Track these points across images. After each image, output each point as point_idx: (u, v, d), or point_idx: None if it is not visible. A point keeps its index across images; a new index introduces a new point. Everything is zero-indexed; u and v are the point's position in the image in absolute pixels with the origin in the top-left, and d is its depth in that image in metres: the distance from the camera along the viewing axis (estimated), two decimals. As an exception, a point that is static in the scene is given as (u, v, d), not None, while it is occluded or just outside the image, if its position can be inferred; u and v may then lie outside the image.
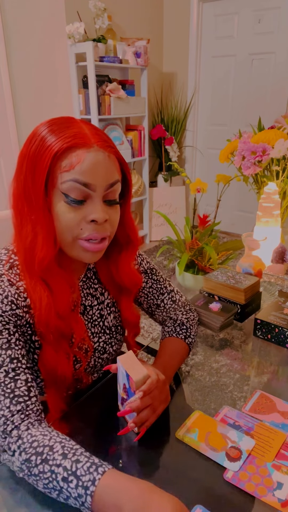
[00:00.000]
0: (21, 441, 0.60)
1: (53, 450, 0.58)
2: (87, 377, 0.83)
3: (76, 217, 0.66)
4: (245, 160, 1.83)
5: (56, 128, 0.65)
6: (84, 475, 0.54)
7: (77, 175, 0.63)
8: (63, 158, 0.63)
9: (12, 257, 0.71)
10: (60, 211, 0.65)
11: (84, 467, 0.54)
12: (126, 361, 0.69)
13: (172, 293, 0.97)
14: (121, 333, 0.89)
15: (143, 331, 2.30)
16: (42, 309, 0.67)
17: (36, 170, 0.64)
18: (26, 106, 2.70)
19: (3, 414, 0.62)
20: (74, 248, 0.69)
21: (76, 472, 0.54)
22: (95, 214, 0.66)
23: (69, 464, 0.55)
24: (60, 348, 0.72)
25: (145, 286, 0.94)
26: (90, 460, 0.56)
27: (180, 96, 3.82)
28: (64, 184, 0.64)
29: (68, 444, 0.59)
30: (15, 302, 0.67)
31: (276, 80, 3.28)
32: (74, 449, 0.58)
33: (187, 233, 2.43)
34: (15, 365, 0.65)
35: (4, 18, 2.43)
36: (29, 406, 0.64)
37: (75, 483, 0.53)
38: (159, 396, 0.71)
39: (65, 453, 0.57)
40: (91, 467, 0.54)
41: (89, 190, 0.65)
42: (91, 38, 2.72)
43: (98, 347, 0.83)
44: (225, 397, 0.81)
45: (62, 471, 0.55)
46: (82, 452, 0.58)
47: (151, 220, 3.78)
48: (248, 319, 1.11)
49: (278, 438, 0.70)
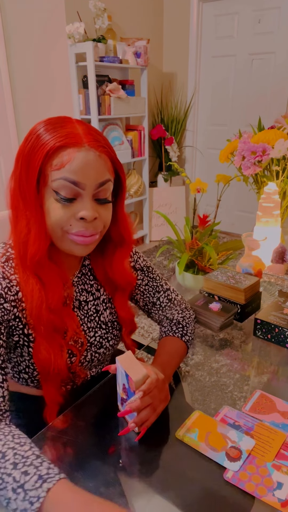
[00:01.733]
0: None
1: (5, 458, 0.56)
2: (84, 371, 0.83)
3: (65, 214, 0.68)
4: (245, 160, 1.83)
5: (51, 127, 0.66)
6: (30, 490, 0.52)
7: (67, 173, 0.65)
8: (55, 157, 0.65)
9: (9, 251, 0.73)
10: (51, 207, 0.67)
11: (32, 480, 0.53)
12: (125, 361, 0.69)
13: (168, 292, 0.97)
14: (118, 328, 0.89)
15: (143, 331, 2.30)
16: (33, 302, 0.69)
17: (29, 168, 0.66)
18: (26, 106, 2.70)
19: None
20: (64, 241, 0.71)
21: (24, 485, 0.53)
22: (84, 212, 0.68)
23: (18, 475, 0.54)
24: (53, 341, 0.73)
25: (141, 284, 0.94)
26: (38, 472, 0.54)
27: (180, 96, 3.82)
28: (55, 182, 0.66)
29: (20, 451, 0.57)
30: (3, 296, 0.69)
31: (276, 80, 3.28)
32: (25, 457, 0.56)
33: (187, 233, 2.43)
34: None
35: (4, 18, 2.43)
36: None
37: (22, 496, 0.52)
38: (159, 395, 0.71)
39: (15, 462, 0.56)
40: (37, 481, 0.53)
41: (78, 188, 0.67)
42: (91, 38, 2.72)
43: (94, 341, 0.84)
44: (225, 397, 0.81)
45: (12, 481, 0.54)
46: (33, 460, 0.56)
47: (151, 220, 3.78)
48: (248, 319, 1.11)
49: (278, 438, 0.70)
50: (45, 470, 0.54)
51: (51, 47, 2.74)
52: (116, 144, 3.12)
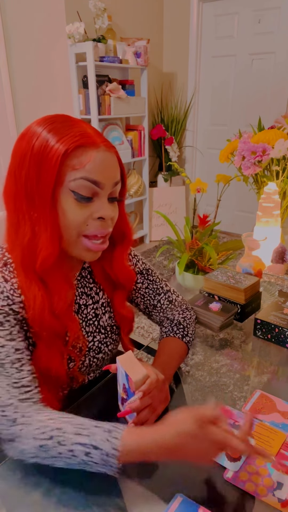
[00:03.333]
0: (31, 427, 0.61)
1: (64, 430, 0.60)
2: (82, 376, 0.83)
3: (83, 214, 0.67)
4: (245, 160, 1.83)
5: (60, 127, 0.65)
6: (103, 443, 0.57)
7: (87, 173, 0.65)
8: (72, 157, 0.64)
9: (5, 255, 0.71)
10: (68, 208, 0.66)
11: (100, 437, 0.58)
12: (125, 361, 0.69)
13: (168, 293, 0.97)
14: (117, 333, 0.88)
15: (143, 331, 2.31)
16: (36, 308, 0.68)
17: (42, 169, 0.64)
18: (26, 106, 2.70)
19: (11, 402, 0.63)
20: (77, 246, 0.70)
21: (94, 444, 0.57)
22: (103, 211, 0.68)
23: (85, 439, 0.58)
24: (54, 347, 0.73)
25: (141, 287, 0.94)
26: (101, 428, 0.59)
27: (180, 96, 3.82)
28: (74, 182, 0.65)
29: (75, 421, 0.61)
30: (10, 298, 0.67)
31: (276, 80, 3.28)
32: (83, 423, 0.60)
33: (187, 233, 2.43)
34: (19, 356, 0.66)
35: (4, 18, 2.43)
36: (35, 395, 0.66)
37: (97, 454, 0.57)
38: (159, 396, 0.71)
39: (76, 430, 0.59)
40: (105, 434, 0.58)
41: (97, 188, 0.67)
42: (91, 38, 2.72)
43: (93, 346, 0.83)
44: (225, 397, 0.81)
45: (81, 446, 0.58)
46: (91, 423, 0.60)
47: (151, 220, 3.78)
48: (248, 319, 1.11)
49: (278, 438, 0.70)
50: (107, 425, 0.59)
51: (51, 47, 2.74)
52: (116, 144, 3.12)
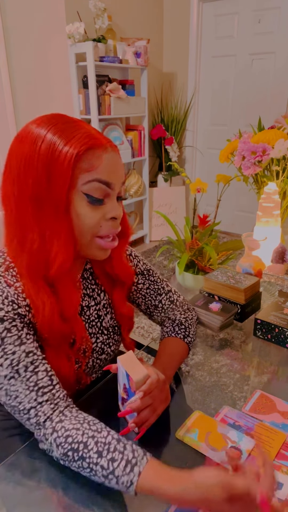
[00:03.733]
0: (56, 435, 0.62)
1: (88, 448, 0.59)
2: (86, 377, 0.83)
3: (96, 216, 0.67)
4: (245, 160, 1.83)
5: (64, 128, 0.64)
6: (122, 475, 0.56)
7: (99, 175, 0.65)
8: (83, 160, 0.63)
9: (7, 259, 0.70)
10: (82, 211, 0.66)
11: (121, 466, 0.57)
12: (126, 361, 0.69)
13: (169, 293, 0.97)
14: (119, 333, 0.88)
15: (143, 331, 2.31)
16: (45, 315, 0.67)
17: (53, 173, 0.62)
18: (26, 106, 2.70)
19: (32, 406, 0.64)
20: (91, 247, 0.70)
21: (114, 472, 0.57)
22: (115, 212, 0.69)
23: (106, 463, 0.58)
24: (61, 351, 0.72)
25: (142, 288, 0.93)
26: (124, 456, 0.58)
27: (180, 96, 3.82)
28: (86, 185, 0.65)
29: (100, 438, 0.60)
30: (15, 302, 0.66)
31: (276, 80, 3.28)
32: (107, 443, 0.60)
33: (187, 233, 2.43)
34: (31, 358, 0.65)
35: (4, 18, 2.43)
36: (55, 395, 0.65)
37: (115, 481, 0.57)
38: (159, 396, 0.71)
39: (99, 450, 0.59)
40: (126, 466, 0.57)
41: (109, 189, 0.67)
42: (91, 38, 2.72)
43: (96, 347, 0.83)
44: (225, 397, 0.81)
45: (101, 469, 0.58)
46: (116, 446, 0.59)
47: (151, 220, 3.78)
48: (248, 319, 1.11)
49: (278, 438, 0.70)
50: (131, 454, 0.58)
51: (51, 47, 2.74)
52: (116, 144, 3.11)
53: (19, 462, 0.67)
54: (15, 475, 0.65)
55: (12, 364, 0.63)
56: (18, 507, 0.60)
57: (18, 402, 0.64)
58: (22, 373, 0.64)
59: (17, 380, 0.64)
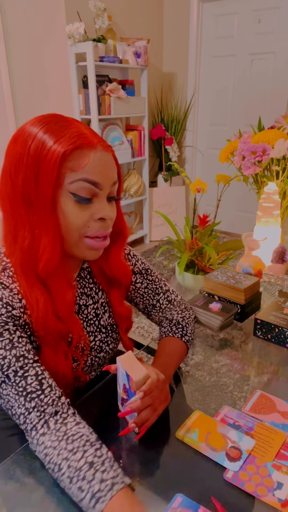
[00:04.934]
0: (39, 448, 0.62)
1: (61, 471, 0.59)
2: (84, 375, 0.83)
3: (84, 216, 0.67)
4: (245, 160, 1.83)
5: (56, 127, 0.64)
6: (87, 508, 0.55)
7: (86, 174, 0.64)
8: (70, 159, 0.64)
9: (4, 260, 0.70)
10: (68, 211, 0.66)
11: (86, 499, 0.55)
12: (125, 361, 0.69)
13: (167, 293, 0.97)
14: (117, 331, 0.89)
15: (143, 331, 2.31)
16: (39, 312, 0.67)
17: (40, 172, 0.63)
18: (26, 106, 2.70)
19: (21, 412, 0.64)
20: (79, 247, 0.70)
21: (81, 502, 0.56)
22: (103, 212, 0.68)
23: (75, 491, 0.57)
24: (58, 349, 0.72)
25: (141, 287, 0.93)
26: (90, 488, 0.55)
27: (180, 96, 3.82)
28: (73, 184, 0.64)
29: (73, 462, 0.58)
30: (10, 304, 0.66)
31: (276, 80, 3.28)
32: (78, 469, 0.57)
33: (187, 233, 2.43)
34: (21, 363, 0.65)
35: (4, 18, 2.43)
36: (43, 400, 0.65)
37: (84, 509, 0.56)
38: (159, 396, 0.71)
39: (70, 476, 0.57)
40: (91, 500, 0.54)
41: (97, 189, 0.66)
42: (91, 38, 2.72)
43: (94, 346, 0.83)
44: (225, 397, 0.81)
45: (72, 494, 0.57)
46: (85, 473, 0.57)
47: (151, 220, 3.78)
48: (248, 319, 1.11)
49: (278, 438, 0.70)
50: (97, 486, 0.55)
51: (51, 47, 2.74)
52: (116, 144, 3.12)
53: (19, 462, 0.67)
54: (15, 475, 0.65)
55: (2, 369, 0.64)
56: (18, 507, 0.60)
57: (10, 406, 0.64)
58: (12, 378, 0.64)
59: (7, 385, 0.64)
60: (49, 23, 2.68)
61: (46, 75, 2.78)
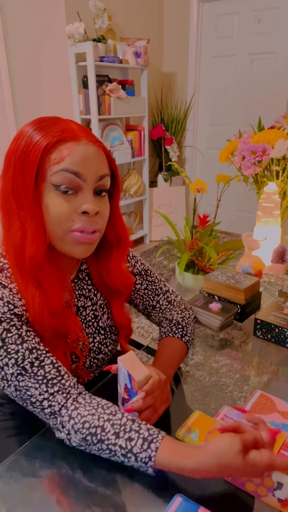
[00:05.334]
0: (73, 421, 0.64)
1: (105, 431, 0.62)
2: (84, 375, 0.83)
3: (67, 209, 0.66)
4: (245, 160, 1.83)
5: (45, 125, 0.66)
6: (140, 452, 0.59)
7: (67, 164, 0.64)
8: (53, 151, 0.64)
9: (1, 261, 0.70)
10: (51, 203, 0.65)
11: (138, 444, 0.60)
12: (127, 362, 0.69)
13: (167, 294, 0.97)
14: (116, 333, 0.88)
15: (143, 331, 2.30)
16: (35, 309, 0.67)
17: (24, 166, 0.64)
18: (26, 106, 2.70)
19: (45, 398, 0.65)
20: (65, 242, 0.68)
21: (132, 449, 0.60)
22: (86, 205, 0.66)
23: (124, 443, 0.61)
24: (57, 347, 0.73)
25: (140, 288, 0.93)
26: (140, 435, 0.61)
27: (180, 96, 3.82)
28: (54, 176, 0.64)
29: (116, 420, 0.63)
30: (11, 302, 0.67)
31: (276, 80, 3.28)
32: (123, 424, 0.62)
33: (187, 233, 2.43)
34: (36, 354, 0.66)
35: (4, 18, 2.43)
36: (65, 384, 0.67)
37: (133, 459, 0.60)
38: (161, 396, 0.71)
39: (116, 431, 0.62)
40: (143, 443, 0.60)
41: (79, 180, 0.65)
42: (91, 38, 2.72)
43: (93, 347, 0.83)
44: (225, 397, 0.81)
45: (119, 449, 0.61)
46: (131, 426, 0.62)
47: (151, 220, 3.78)
48: (248, 319, 1.11)
49: (278, 438, 0.70)
50: (147, 432, 0.61)
51: (51, 47, 2.74)
52: (116, 144, 3.12)
53: (19, 462, 0.67)
54: (15, 475, 0.65)
55: (17, 362, 0.64)
56: (18, 507, 0.60)
57: (29, 395, 0.65)
58: (28, 369, 0.65)
59: (24, 376, 0.65)
60: (49, 23, 2.68)
61: (46, 75, 2.78)
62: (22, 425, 0.85)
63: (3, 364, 0.64)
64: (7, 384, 0.65)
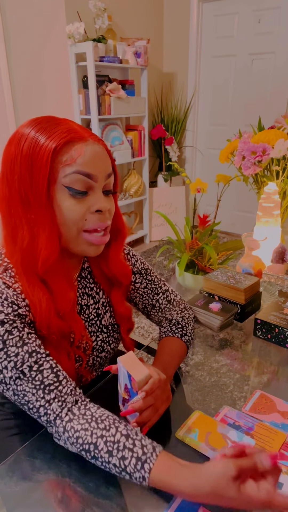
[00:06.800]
0: (67, 434, 0.63)
1: (98, 448, 0.61)
2: (87, 375, 0.83)
3: (80, 209, 0.67)
4: (245, 160, 1.83)
5: (46, 126, 0.66)
6: (133, 472, 0.58)
7: (79, 167, 0.65)
8: (63, 153, 0.64)
9: (5, 260, 0.70)
10: (64, 205, 0.66)
11: (131, 464, 0.58)
12: (127, 362, 0.69)
13: (167, 293, 0.97)
14: (118, 331, 0.89)
15: (143, 331, 2.31)
16: (42, 312, 0.67)
17: (34, 169, 0.64)
18: (26, 106, 2.70)
19: (41, 404, 0.64)
20: (79, 242, 0.70)
21: (126, 469, 0.58)
22: (100, 204, 0.68)
23: (117, 462, 0.59)
24: (61, 348, 0.72)
25: (140, 287, 0.94)
26: (134, 454, 0.59)
27: (180, 96, 3.82)
28: (67, 178, 0.65)
29: (109, 437, 0.61)
30: (15, 303, 0.66)
31: (276, 80, 3.28)
32: (116, 442, 0.60)
33: (187, 233, 2.43)
34: (35, 358, 0.66)
35: (4, 18, 2.43)
36: (62, 391, 0.66)
37: (128, 477, 0.59)
38: (161, 395, 0.71)
39: (109, 450, 0.60)
40: (137, 464, 0.58)
41: (91, 181, 0.67)
42: (91, 38, 2.72)
43: (96, 345, 0.83)
44: (225, 397, 0.81)
45: (113, 467, 0.59)
46: (125, 444, 0.60)
47: (151, 220, 3.78)
48: (248, 319, 1.11)
49: (278, 438, 0.70)
50: (140, 451, 0.59)
51: (51, 47, 2.74)
52: (116, 144, 3.12)
53: (19, 462, 0.67)
54: (15, 475, 0.65)
55: (16, 365, 0.64)
56: (18, 507, 0.60)
57: (27, 401, 0.65)
58: (27, 373, 0.64)
59: (22, 380, 0.64)
60: (49, 23, 2.68)
61: (46, 75, 2.78)
62: (23, 425, 0.85)
63: (2, 366, 0.64)
64: (6, 387, 0.65)
